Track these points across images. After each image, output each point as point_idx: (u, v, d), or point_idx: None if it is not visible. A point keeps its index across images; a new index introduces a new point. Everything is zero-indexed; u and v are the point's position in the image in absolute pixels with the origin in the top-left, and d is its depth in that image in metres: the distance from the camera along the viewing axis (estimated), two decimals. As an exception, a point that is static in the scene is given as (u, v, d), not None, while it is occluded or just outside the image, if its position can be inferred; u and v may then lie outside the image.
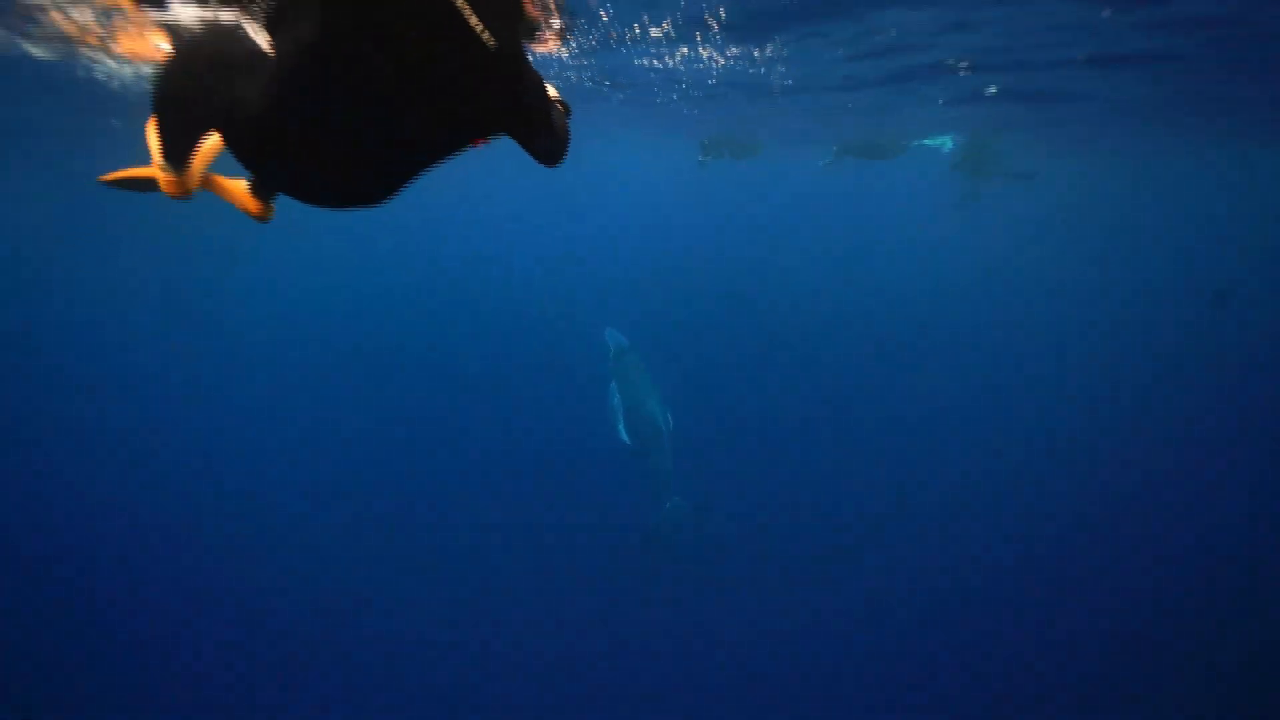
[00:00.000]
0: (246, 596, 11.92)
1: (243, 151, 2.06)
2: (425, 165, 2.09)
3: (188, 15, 4.47)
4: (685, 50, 6.43)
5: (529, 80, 2.01)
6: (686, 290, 27.24)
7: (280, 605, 11.63)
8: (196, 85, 2.02)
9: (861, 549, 12.90)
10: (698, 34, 5.97)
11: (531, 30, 2.12)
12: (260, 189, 2.73)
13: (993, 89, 9.03)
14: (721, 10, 5.31)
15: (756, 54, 6.22)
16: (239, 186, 2.77)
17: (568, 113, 2.22)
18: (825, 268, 34.35)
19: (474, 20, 1.82)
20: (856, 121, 12.19)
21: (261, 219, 2.80)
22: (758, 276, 30.59)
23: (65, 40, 6.20)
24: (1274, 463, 15.97)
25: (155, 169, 2.52)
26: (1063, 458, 16.94)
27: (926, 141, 16.97)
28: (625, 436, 11.57)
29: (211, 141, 2.61)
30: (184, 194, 2.56)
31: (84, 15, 5.27)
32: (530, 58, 2.05)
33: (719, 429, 15.33)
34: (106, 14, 5.01)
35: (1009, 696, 9.41)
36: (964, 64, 7.94)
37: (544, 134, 2.14)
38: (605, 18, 5.72)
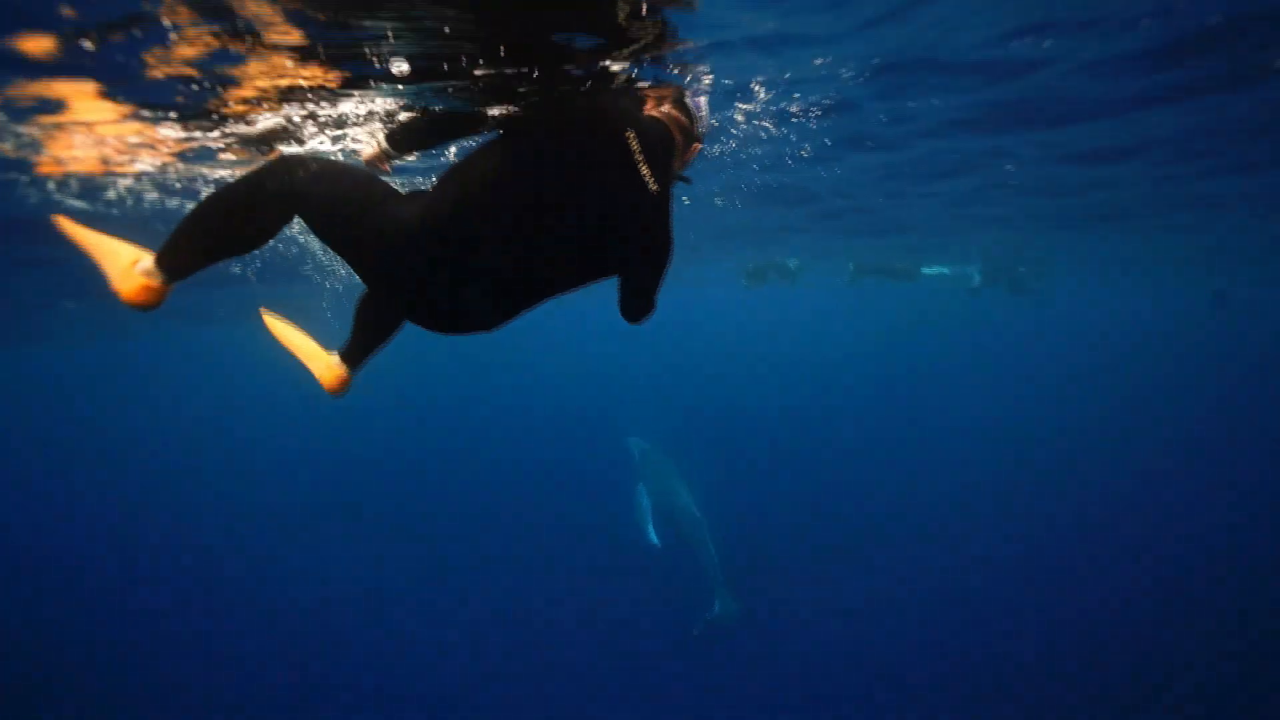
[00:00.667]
0: (255, 598, 12.41)
1: (372, 274, 2.13)
2: (544, 300, 2.20)
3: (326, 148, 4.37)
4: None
5: (668, 230, 2.20)
6: (724, 398, 28.18)
7: (284, 607, 12.06)
8: (328, 210, 2.04)
9: (866, 549, 13.26)
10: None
11: (677, 180, 2.43)
12: (355, 353, 2.51)
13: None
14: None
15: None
16: (321, 358, 2.54)
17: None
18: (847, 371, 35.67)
19: (645, 169, 2.07)
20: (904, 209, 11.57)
21: (334, 393, 2.52)
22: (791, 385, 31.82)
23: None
24: (1275, 463, 16.32)
25: (129, 268, 2.02)
26: (1066, 462, 17.61)
27: (940, 269, 17.60)
28: (654, 539, 11.50)
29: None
30: (153, 304, 2.05)
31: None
32: None
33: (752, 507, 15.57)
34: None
35: (1017, 697, 9.33)
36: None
37: (649, 289, 2.26)
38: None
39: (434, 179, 2.14)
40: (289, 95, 3.53)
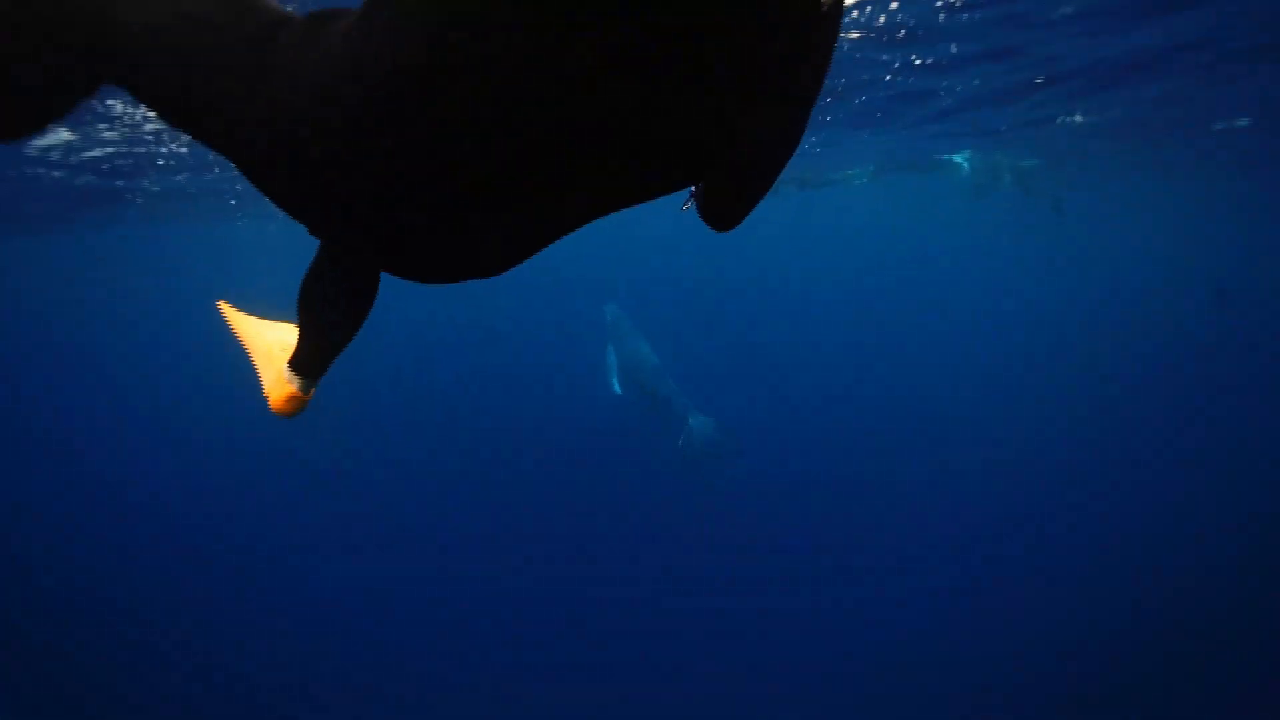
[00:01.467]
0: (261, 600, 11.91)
1: (283, 197, 1.20)
2: (582, 224, 1.26)
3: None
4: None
5: (822, 77, 1.15)
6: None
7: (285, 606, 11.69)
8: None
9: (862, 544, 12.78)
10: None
11: None
12: (308, 358, 1.70)
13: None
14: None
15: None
16: (275, 365, 1.83)
17: None
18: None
19: None
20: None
21: (284, 412, 1.80)
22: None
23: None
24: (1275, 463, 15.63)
25: None
26: (1071, 458, 16.69)
27: (967, 157, 16.68)
28: (618, 388, 12.02)
29: None
30: None
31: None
32: None
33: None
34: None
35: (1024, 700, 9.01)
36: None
37: (764, 184, 1.28)
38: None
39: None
40: None
